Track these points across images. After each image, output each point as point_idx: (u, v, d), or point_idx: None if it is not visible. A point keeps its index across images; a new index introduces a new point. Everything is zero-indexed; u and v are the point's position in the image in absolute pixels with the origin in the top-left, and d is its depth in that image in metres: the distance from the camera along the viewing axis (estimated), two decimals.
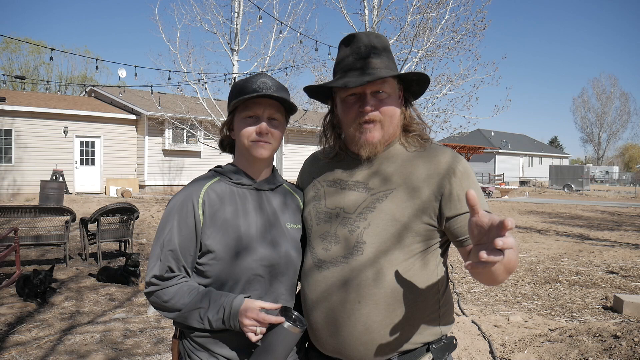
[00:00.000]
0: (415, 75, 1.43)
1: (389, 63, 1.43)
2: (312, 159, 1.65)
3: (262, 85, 1.41)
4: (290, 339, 1.28)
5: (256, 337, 1.28)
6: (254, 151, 1.43)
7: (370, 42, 1.43)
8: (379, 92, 1.39)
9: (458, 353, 3.74)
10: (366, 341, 1.34)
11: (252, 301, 1.31)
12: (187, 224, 1.38)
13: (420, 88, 1.49)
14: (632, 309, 4.90)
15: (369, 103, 1.38)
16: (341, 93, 1.44)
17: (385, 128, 1.41)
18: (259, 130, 1.41)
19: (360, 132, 1.40)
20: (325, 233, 1.43)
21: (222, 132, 1.54)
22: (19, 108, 17.18)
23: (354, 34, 1.46)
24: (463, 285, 6.22)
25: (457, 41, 10.78)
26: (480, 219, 1.04)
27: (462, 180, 1.35)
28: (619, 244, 9.70)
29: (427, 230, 1.36)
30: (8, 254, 5.60)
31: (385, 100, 1.40)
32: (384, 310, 1.32)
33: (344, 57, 1.45)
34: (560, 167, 36.72)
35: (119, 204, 7.32)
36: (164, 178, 20.26)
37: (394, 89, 1.43)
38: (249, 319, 1.28)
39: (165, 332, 4.29)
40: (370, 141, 1.40)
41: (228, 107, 1.48)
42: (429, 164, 1.39)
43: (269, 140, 1.43)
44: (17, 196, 16.93)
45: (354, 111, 1.40)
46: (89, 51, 44.10)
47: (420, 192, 1.36)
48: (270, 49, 14.26)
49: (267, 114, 1.43)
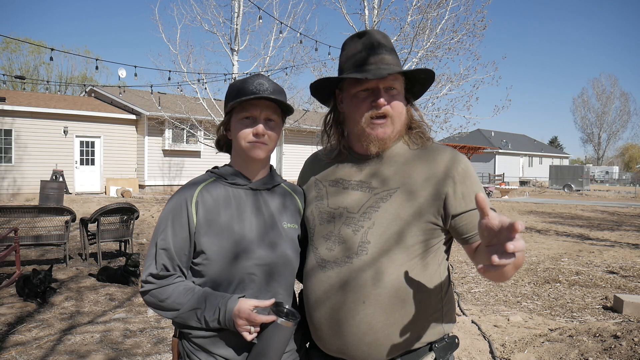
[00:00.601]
0: (424, 73, 1.45)
1: (397, 61, 1.44)
2: (313, 159, 1.65)
3: (258, 86, 1.42)
4: (286, 334, 1.31)
5: (251, 337, 1.31)
6: (250, 152, 1.44)
7: (382, 39, 1.44)
8: (391, 88, 1.40)
9: (458, 353, 3.74)
10: (370, 341, 1.34)
11: (245, 301, 1.32)
12: (181, 225, 1.40)
13: (422, 89, 1.50)
14: (632, 309, 4.90)
15: (383, 97, 1.38)
16: (352, 88, 1.43)
17: (395, 125, 1.42)
18: (256, 131, 1.42)
19: (372, 127, 1.40)
20: (328, 233, 1.43)
21: (219, 132, 1.55)
22: (19, 108, 17.18)
23: (366, 30, 1.47)
24: (463, 285, 6.22)
25: (457, 41, 10.77)
26: (491, 221, 1.05)
27: (465, 178, 1.36)
28: (619, 244, 9.70)
29: (431, 229, 1.37)
30: (8, 254, 5.60)
31: (396, 97, 1.41)
32: (388, 309, 1.33)
33: (355, 52, 1.45)
34: (560, 167, 36.72)
35: (119, 204, 7.32)
36: (164, 178, 20.26)
37: (402, 87, 1.45)
38: (241, 319, 1.30)
39: (165, 332, 4.29)
40: (381, 137, 1.40)
41: (225, 108, 1.50)
42: (432, 162, 1.40)
43: (265, 142, 1.44)
44: (17, 196, 16.93)
45: (366, 105, 1.40)
46: (89, 51, 44.16)
47: (424, 191, 1.36)
48: (270, 49, 14.28)
49: (264, 115, 1.44)
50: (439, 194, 1.35)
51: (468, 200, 1.34)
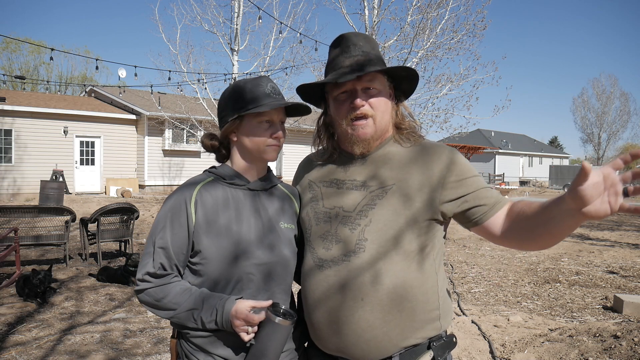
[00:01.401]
0: (404, 70, 1.45)
1: (377, 62, 1.45)
2: (306, 162, 1.67)
3: (272, 90, 1.45)
4: (283, 333, 1.32)
5: (248, 337, 1.32)
6: (267, 155, 1.47)
7: (359, 42, 1.46)
8: (369, 88, 1.42)
9: (458, 353, 3.74)
10: (368, 339, 1.34)
11: (243, 302, 1.33)
12: (179, 223, 1.40)
13: (410, 86, 1.51)
14: (632, 309, 4.90)
15: (360, 97, 1.40)
16: (333, 92, 1.46)
17: (377, 123, 1.43)
18: (277, 135, 1.46)
19: (352, 128, 1.42)
20: (325, 233, 1.44)
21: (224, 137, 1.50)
22: (19, 108, 17.18)
23: (342, 35, 1.49)
24: (463, 285, 6.22)
25: (457, 41, 10.78)
26: (594, 178, 1.04)
27: (458, 166, 1.39)
28: (619, 244, 9.70)
29: (428, 225, 1.38)
30: (8, 254, 5.60)
31: (375, 96, 1.42)
32: (386, 307, 1.33)
33: (334, 57, 1.48)
34: (560, 167, 36.76)
35: (119, 204, 7.32)
36: (164, 178, 20.26)
37: (384, 86, 1.45)
38: (239, 320, 1.31)
39: (165, 332, 4.29)
40: (362, 137, 1.42)
41: (234, 110, 1.45)
42: (425, 157, 1.42)
43: (281, 145, 1.48)
44: (17, 196, 16.94)
45: (345, 107, 1.43)
46: (89, 51, 44.10)
47: (420, 188, 1.38)
48: (270, 49, 14.29)
49: (279, 118, 1.47)
50: (437, 185, 1.37)
51: (468, 185, 1.37)
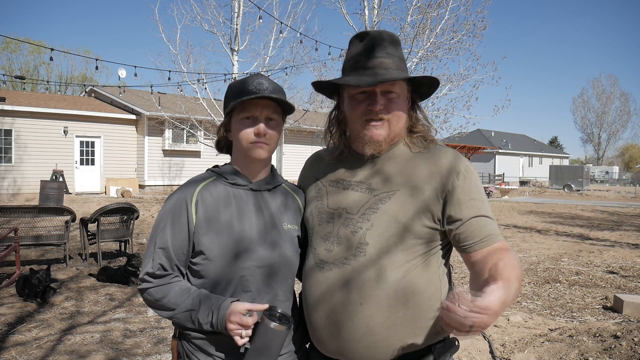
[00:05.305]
0: (427, 79, 1.43)
1: (400, 64, 1.42)
2: (314, 158, 1.64)
3: (258, 86, 1.40)
4: (279, 338, 1.29)
5: (242, 341, 1.29)
6: (252, 152, 1.43)
7: (383, 41, 1.41)
8: (389, 92, 1.38)
9: (458, 353, 3.73)
10: (368, 343, 1.33)
11: (238, 304, 1.31)
12: (180, 224, 1.39)
13: (428, 90, 1.49)
14: (632, 309, 4.90)
15: (379, 102, 1.37)
16: (350, 90, 1.42)
17: (391, 128, 1.40)
18: (257, 131, 1.41)
19: (367, 129, 1.39)
20: (327, 234, 1.42)
21: (220, 134, 1.53)
22: (19, 108, 17.17)
23: (368, 32, 1.44)
24: (463, 286, 6.21)
25: (457, 41, 10.79)
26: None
27: (465, 180, 1.35)
28: (619, 244, 9.69)
29: (430, 232, 1.36)
30: (8, 254, 5.60)
31: (394, 100, 1.39)
32: (386, 311, 1.32)
33: (355, 53, 1.44)
34: (560, 167, 36.72)
35: (119, 204, 7.32)
36: (164, 178, 20.25)
37: (403, 90, 1.42)
38: (232, 323, 1.29)
39: (165, 332, 4.29)
40: (375, 139, 1.39)
41: (225, 109, 1.48)
42: (432, 164, 1.39)
43: (267, 142, 1.43)
44: (17, 196, 16.93)
45: (362, 108, 1.39)
46: (89, 51, 44.06)
47: (423, 193, 1.35)
48: (270, 49, 14.29)
49: (265, 114, 1.42)
50: (440, 195, 1.34)
51: (467, 207, 1.33)
